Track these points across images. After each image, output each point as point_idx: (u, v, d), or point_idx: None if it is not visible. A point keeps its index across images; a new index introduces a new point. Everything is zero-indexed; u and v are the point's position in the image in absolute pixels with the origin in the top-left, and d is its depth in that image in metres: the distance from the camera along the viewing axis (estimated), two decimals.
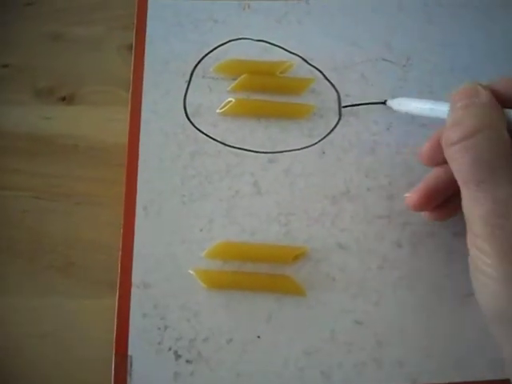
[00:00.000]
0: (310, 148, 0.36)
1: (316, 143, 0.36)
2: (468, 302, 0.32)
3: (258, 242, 0.33)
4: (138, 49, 0.38)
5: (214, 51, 0.38)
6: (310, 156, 0.35)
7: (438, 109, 0.30)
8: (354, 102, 0.37)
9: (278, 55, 0.38)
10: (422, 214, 0.33)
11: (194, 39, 0.39)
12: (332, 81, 0.37)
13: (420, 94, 0.37)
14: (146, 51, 0.38)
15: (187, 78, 0.37)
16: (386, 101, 0.35)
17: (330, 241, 0.33)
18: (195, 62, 0.38)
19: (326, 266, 0.33)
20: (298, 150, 0.35)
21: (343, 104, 0.37)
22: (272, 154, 0.35)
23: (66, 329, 0.32)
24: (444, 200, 0.31)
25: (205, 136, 0.36)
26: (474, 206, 0.25)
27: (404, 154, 0.36)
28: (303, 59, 0.38)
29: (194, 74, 0.37)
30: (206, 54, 0.38)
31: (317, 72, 0.38)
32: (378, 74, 0.38)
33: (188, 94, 0.37)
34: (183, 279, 0.32)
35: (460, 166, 0.26)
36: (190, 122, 0.36)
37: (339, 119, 0.36)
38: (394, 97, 0.37)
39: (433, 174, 0.31)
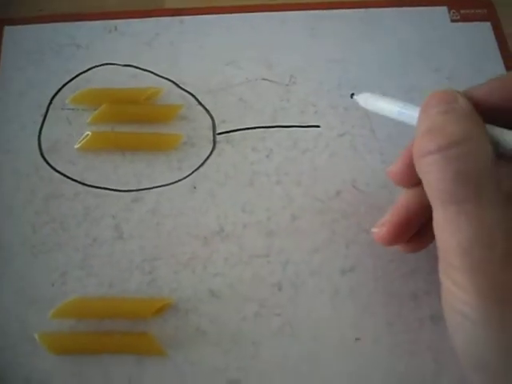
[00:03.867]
0: (179, 183, 0.32)
1: (186, 177, 0.32)
2: (357, 347, 0.28)
3: (116, 296, 0.29)
4: None
5: (76, 80, 0.34)
6: (179, 192, 0.32)
7: (408, 113, 0.26)
8: (231, 128, 0.33)
9: (148, 81, 0.35)
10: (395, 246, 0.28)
11: (54, 67, 0.35)
12: (206, 105, 0.34)
13: (304, 115, 0.34)
14: None
15: (43, 111, 0.33)
16: (352, 94, 0.30)
17: (200, 288, 0.29)
18: (54, 93, 0.34)
19: (195, 318, 0.29)
20: (166, 185, 0.32)
21: (218, 131, 0.33)
22: (136, 191, 0.31)
23: None
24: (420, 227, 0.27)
25: (61, 176, 0.32)
26: (451, 230, 0.21)
27: (285, 184, 0.32)
28: (174, 83, 0.34)
29: (52, 105, 0.34)
30: (65, 84, 0.34)
31: (190, 97, 0.34)
32: (258, 95, 0.34)
33: (44, 129, 0.33)
34: (30, 345, 0.28)
35: (437, 180, 0.21)
36: (45, 159, 0.32)
37: (213, 148, 0.33)
38: (274, 120, 0.33)
39: (404, 200, 0.26)
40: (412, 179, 0.25)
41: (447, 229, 0.21)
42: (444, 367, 0.28)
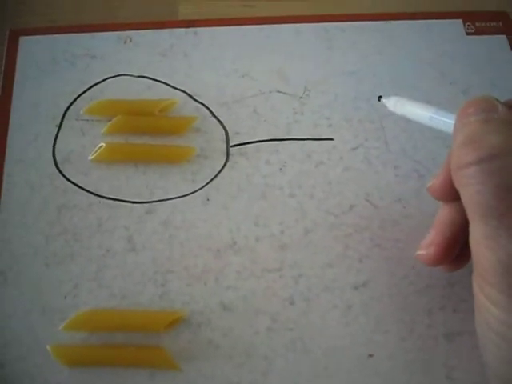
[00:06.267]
0: (192, 195, 0.32)
1: (199, 189, 0.32)
2: (370, 364, 0.28)
3: (128, 308, 0.29)
4: (4, 91, 0.34)
5: (90, 91, 0.34)
6: (192, 204, 0.31)
7: (441, 119, 0.25)
8: (244, 141, 0.33)
9: (162, 92, 0.35)
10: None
11: (68, 78, 0.35)
12: (220, 117, 0.34)
13: (317, 128, 0.34)
14: (13, 93, 0.34)
15: (58, 122, 0.33)
16: (380, 97, 0.29)
17: (212, 301, 0.29)
18: (68, 104, 0.34)
19: (207, 332, 0.29)
20: (179, 197, 0.32)
21: (231, 143, 0.33)
22: (150, 203, 0.31)
23: None
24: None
25: (75, 186, 0.32)
26: (490, 246, 0.20)
27: (299, 197, 0.32)
28: (189, 95, 0.34)
29: (66, 116, 0.34)
30: (80, 95, 0.34)
31: (204, 109, 0.34)
32: (272, 107, 0.34)
33: (58, 140, 0.33)
34: (42, 357, 0.28)
35: (476, 193, 0.20)
36: (59, 170, 0.32)
37: (226, 160, 0.33)
38: (288, 132, 0.33)
39: (446, 216, 0.26)
40: (454, 194, 0.24)
41: (486, 244, 0.20)
42: None
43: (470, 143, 0.21)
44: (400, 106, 0.28)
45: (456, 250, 0.26)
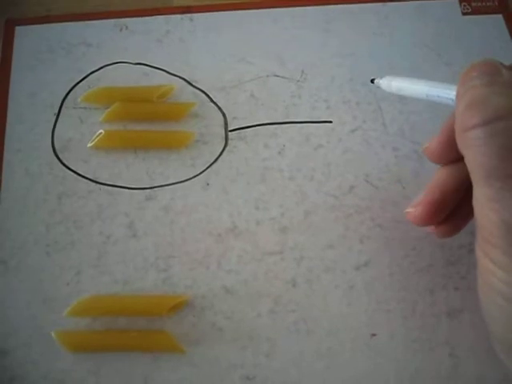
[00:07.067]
0: (192, 180, 0.32)
1: (199, 174, 0.32)
2: (372, 343, 0.28)
3: (131, 294, 0.29)
4: (1, 81, 0.34)
5: (87, 79, 0.34)
6: (192, 189, 0.31)
7: (440, 90, 0.24)
8: (243, 125, 0.33)
9: (159, 79, 0.35)
10: (428, 229, 0.28)
11: (65, 66, 0.35)
12: (218, 103, 0.34)
13: (315, 111, 0.34)
14: (10, 83, 0.34)
15: (56, 110, 0.33)
16: (373, 80, 0.30)
17: (215, 285, 0.29)
18: (65, 92, 0.34)
19: (210, 315, 0.29)
20: (179, 183, 0.32)
21: (230, 128, 0.33)
22: (150, 189, 0.31)
23: None
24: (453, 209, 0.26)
25: (74, 174, 0.32)
26: (494, 207, 0.20)
27: (298, 180, 0.32)
28: (186, 81, 0.34)
29: (64, 105, 0.34)
30: (77, 83, 0.34)
31: (202, 94, 0.34)
32: (269, 91, 0.34)
33: (57, 128, 0.33)
34: (46, 343, 0.28)
35: (481, 155, 0.20)
36: (58, 158, 0.32)
37: (225, 145, 0.33)
38: (286, 116, 0.33)
39: (439, 179, 0.26)
40: (449, 156, 0.25)
41: (490, 206, 0.20)
42: (461, 362, 0.28)
43: (475, 105, 0.21)
44: (395, 84, 0.28)
45: (444, 211, 0.26)
